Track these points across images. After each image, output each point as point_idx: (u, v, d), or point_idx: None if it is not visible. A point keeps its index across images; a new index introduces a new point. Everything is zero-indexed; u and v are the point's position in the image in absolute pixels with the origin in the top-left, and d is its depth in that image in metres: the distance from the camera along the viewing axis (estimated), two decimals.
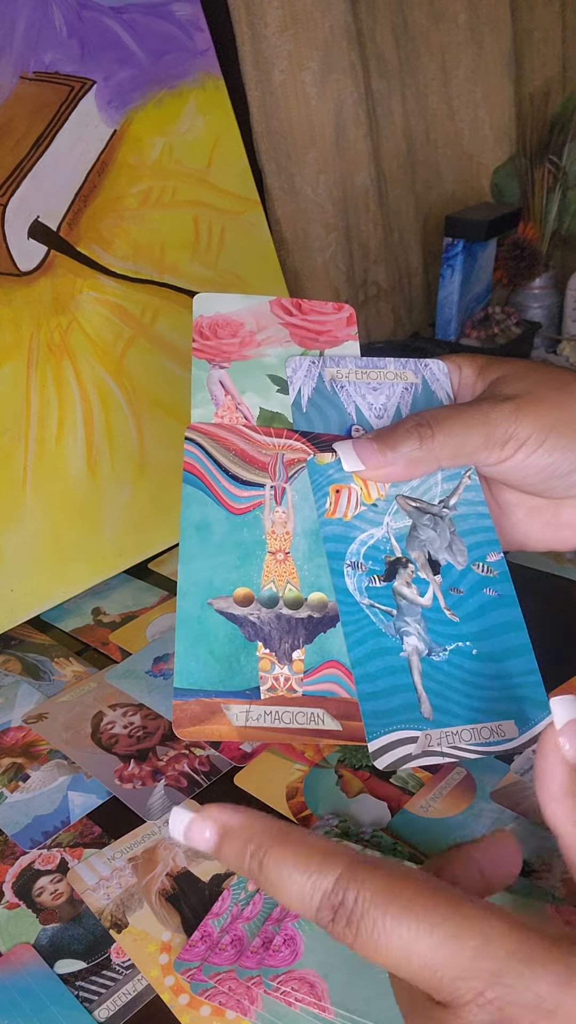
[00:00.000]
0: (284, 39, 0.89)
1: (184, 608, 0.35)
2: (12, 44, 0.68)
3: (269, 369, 0.41)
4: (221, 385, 0.41)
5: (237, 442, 0.39)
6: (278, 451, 0.39)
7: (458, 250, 0.95)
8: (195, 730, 0.33)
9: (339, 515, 0.37)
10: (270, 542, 0.37)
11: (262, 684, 0.34)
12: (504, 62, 1.03)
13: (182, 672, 0.34)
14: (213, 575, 0.36)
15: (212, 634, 0.35)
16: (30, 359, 0.69)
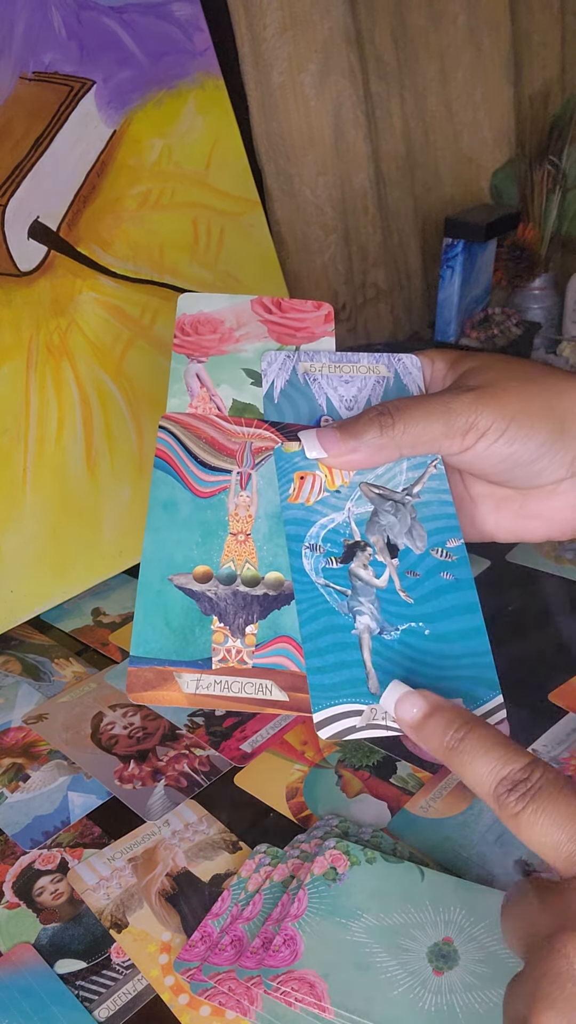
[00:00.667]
0: (283, 40, 0.89)
1: (145, 579, 0.37)
2: (11, 45, 0.68)
3: (245, 363, 0.43)
4: (197, 378, 0.43)
5: (208, 431, 0.41)
6: (247, 439, 0.41)
7: (458, 251, 0.95)
8: (147, 695, 0.35)
9: (301, 500, 0.39)
10: (232, 524, 0.39)
11: (214, 655, 0.36)
12: (503, 64, 1.03)
13: (139, 640, 0.36)
14: (175, 551, 0.38)
15: (169, 607, 0.37)
16: (30, 360, 0.69)
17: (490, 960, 0.39)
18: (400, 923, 0.41)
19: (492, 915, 0.41)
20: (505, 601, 0.66)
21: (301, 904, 0.42)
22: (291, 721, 0.57)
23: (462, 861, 0.46)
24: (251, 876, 0.45)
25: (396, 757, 0.53)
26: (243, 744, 0.55)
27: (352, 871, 0.44)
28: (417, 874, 0.44)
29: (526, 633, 0.63)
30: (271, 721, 0.57)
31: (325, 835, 0.47)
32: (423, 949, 0.40)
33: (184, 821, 0.51)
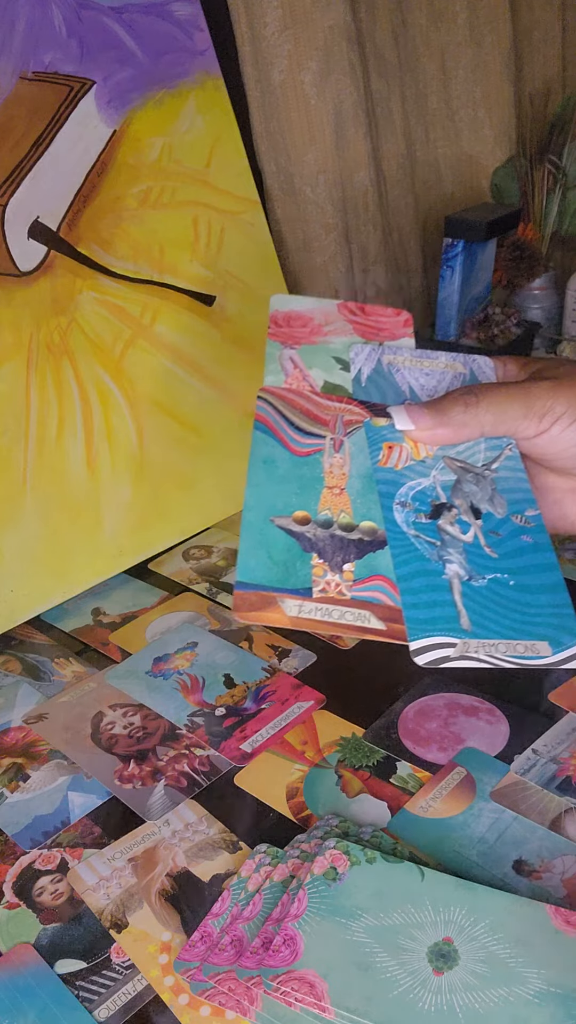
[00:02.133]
0: (283, 39, 0.89)
1: (248, 520, 0.42)
2: (11, 44, 0.68)
3: (334, 352, 0.49)
4: (291, 361, 0.49)
5: (302, 403, 0.47)
6: (338, 412, 0.46)
7: (458, 251, 0.95)
8: (252, 615, 0.39)
9: (390, 465, 0.44)
10: (328, 479, 0.44)
11: (315, 586, 0.40)
12: (504, 62, 1.03)
13: (243, 568, 0.40)
14: (275, 500, 0.42)
15: (272, 543, 0.41)
16: (30, 359, 0.69)
17: (490, 960, 0.40)
18: (400, 923, 0.41)
19: (492, 915, 0.42)
20: None
21: (301, 904, 0.42)
22: (291, 721, 0.57)
23: (462, 861, 0.46)
24: (251, 876, 0.46)
25: (396, 757, 0.53)
26: (243, 744, 0.56)
27: (352, 871, 0.44)
28: (417, 874, 0.44)
29: None
30: (271, 721, 0.57)
31: (325, 835, 0.47)
32: (423, 949, 0.40)
33: (184, 821, 0.51)
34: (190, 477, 0.79)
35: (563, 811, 0.48)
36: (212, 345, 0.81)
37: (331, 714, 0.58)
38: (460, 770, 0.52)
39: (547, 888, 0.44)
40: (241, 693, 0.60)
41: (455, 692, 0.58)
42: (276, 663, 0.63)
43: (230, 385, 0.82)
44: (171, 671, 0.63)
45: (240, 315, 0.83)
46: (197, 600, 0.71)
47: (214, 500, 0.81)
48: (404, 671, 0.61)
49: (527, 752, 0.53)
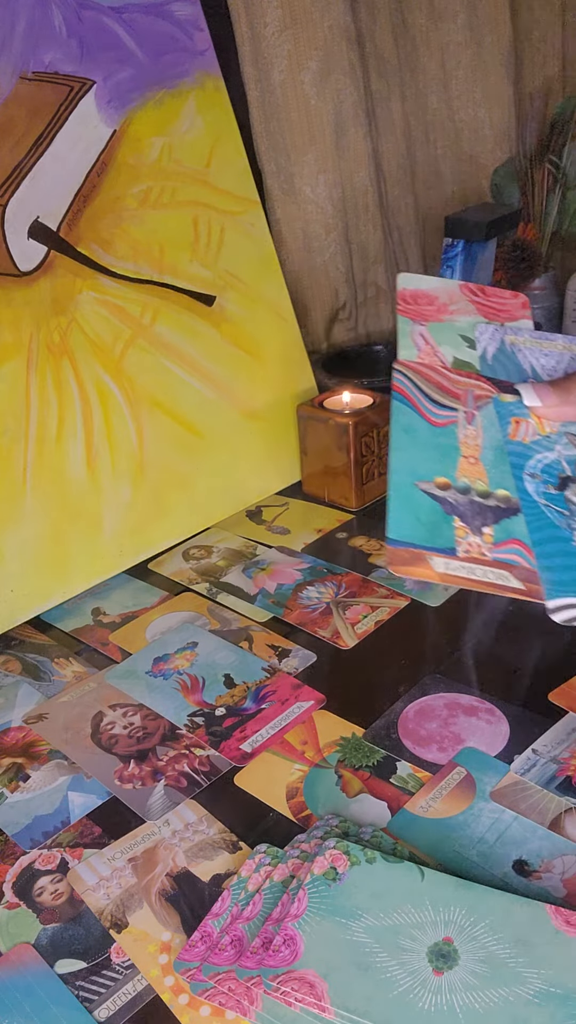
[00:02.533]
0: (283, 39, 0.89)
1: (395, 483, 0.45)
2: (11, 44, 0.68)
3: (460, 331, 0.52)
4: (422, 337, 0.52)
5: (435, 377, 0.50)
6: (469, 387, 0.49)
7: (458, 251, 0.94)
8: (405, 569, 0.43)
9: (519, 439, 0.47)
10: (463, 449, 0.47)
11: (458, 547, 0.43)
12: (504, 62, 1.03)
13: (393, 526, 0.43)
14: (417, 465, 0.46)
15: (418, 505, 0.44)
16: (30, 359, 0.69)
17: (490, 960, 0.40)
18: (400, 923, 0.41)
19: (492, 915, 0.42)
20: (505, 601, 0.66)
21: (301, 904, 0.42)
22: (291, 721, 0.57)
23: (462, 861, 0.46)
24: (251, 876, 0.46)
25: (396, 757, 0.53)
26: (243, 744, 0.56)
27: (352, 871, 0.44)
28: (417, 874, 0.44)
29: (526, 633, 0.63)
30: (271, 721, 0.57)
31: (325, 835, 0.47)
32: (423, 949, 0.40)
33: (184, 821, 0.51)
34: (190, 477, 0.79)
35: (563, 811, 0.48)
36: (212, 345, 0.81)
37: (331, 714, 0.58)
38: (460, 770, 0.52)
39: (547, 888, 0.44)
40: (241, 693, 0.60)
41: (455, 692, 0.58)
42: (276, 663, 0.63)
43: (230, 385, 0.82)
44: (171, 671, 0.63)
45: (240, 315, 0.83)
46: (197, 600, 0.71)
47: (214, 500, 0.81)
48: (404, 671, 0.61)
49: (527, 752, 0.53)
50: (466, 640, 0.63)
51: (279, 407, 0.86)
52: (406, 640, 0.64)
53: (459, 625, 0.65)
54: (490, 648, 0.62)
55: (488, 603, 0.67)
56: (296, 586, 0.71)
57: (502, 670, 0.60)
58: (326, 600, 0.69)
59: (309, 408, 0.82)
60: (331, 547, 0.77)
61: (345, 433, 0.79)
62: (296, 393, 0.87)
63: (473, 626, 0.65)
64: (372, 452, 0.81)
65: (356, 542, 0.77)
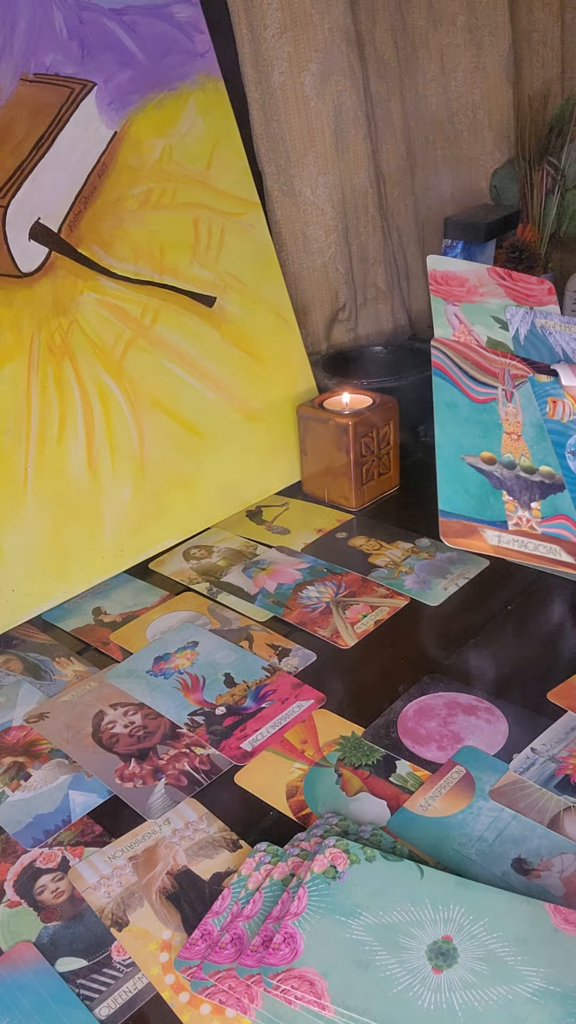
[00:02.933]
0: (283, 41, 0.89)
1: (442, 457, 0.47)
2: (12, 46, 0.68)
3: (491, 312, 0.53)
4: (456, 317, 0.53)
5: (472, 355, 0.51)
6: (505, 366, 0.50)
7: (457, 252, 0.95)
8: (459, 541, 0.46)
9: (557, 418, 0.48)
10: (505, 425, 0.47)
11: (508, 520, 0.45)
12: (503, 64, 1.03)
13: (445, 499, 0.45)
14: (462, 439, 0.47)
15: (466, 478, 0.46)
16: (31, 360, 0.69)
17: (489, 958, 0.40)
18: (399, 921, 0.42)
19: (491, 913, 0.42)
20: (505, 601, 0.67)
21: (301, 902, 0.42)
22: (291, 720, 0.57)
23: (461, 859, 0.46)
24: (251, 874, 0.46)
25: (395, 756, 0.54)
26: (243, 743, 0.56)
27: (352, 869, 0.44)
28: (416, 872, 0.44)
29: (525, 632, 0.63)
30: (271, 720, 0.57)
31: (325, 833, 0.47)
32: (422, 947, 0.40)
33: (184, 820, 0.51)
34: (190, 477, 0.79)
35: (562, 810, 0.48)
36: (212, 346, 0.81)
37: (331, 713, 0.58)
38: (459, 769, 0.52)
39: (546, 886, 0.45)
40: (241, 692, 0.60)
41: (454, 691, 0.58)
42: (276, 662, 0.63)
43: (230, 385, 0.82)
44: (172, 670, 0.63)
45: (240, 316, 0.83)
46: (197, 600, 0.72)
47: (214, 500, 0.82)
48: (403, 670, 0.61)
49: (526, 751, 0.53)
50: (465, 639, 0.63)
51: (279, 407, 0.86)
52: (406, 639, 0.64)
53: (458, 624, 0.65)
54: (490, 647, 0.63)
55: (486, 602, 0.67)
56: (296, 586, 0.71)
57: (501, 669, 0.61)
58: (326, 600, 0.69)
59: (309, 408, 0.82)
60: (331, 547, 0.77)
61: (345, 433, 0.79)
62: (296, 394, 0.87)
63: (473, 625, 0.65)
64: (372, 452, 0.81)
65: (356, 542, 0.77)
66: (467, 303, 0.53)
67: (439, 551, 0.74)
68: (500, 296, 0.54)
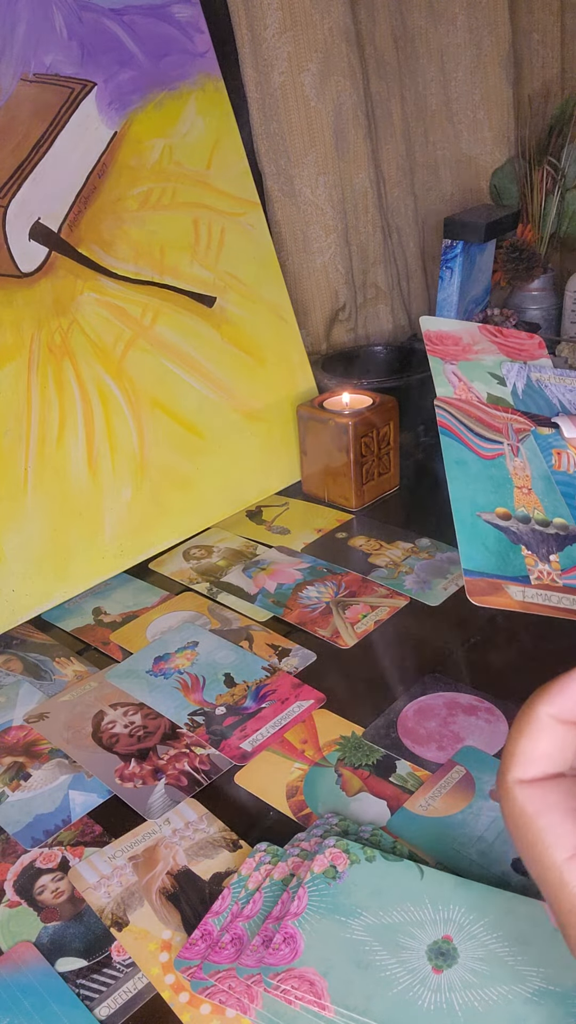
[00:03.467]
0: (283, 41, 0.89)
1: (459, 515, 0.46)
2: (12, 46, 0.68)
3: (488, 368, 0.54)
4: (455, 375, 0.54)
5: (475, 411, 0.51)
6: (507, 421, 0.51)
7: (457, 252, 0.95)
8: (485, 599, 0.43)
9: (563, 469, 0.48)
10: (515, 480, 0.48)
11: (530, 574, 0.44)
12: (503, 64, 1.03)
13: (467, 558, 0.44)
14: (476, 496, 0.46)
15: (485, 535, 0.45)
16: (31, 360, 0.69)
17: (489, 958, 0.40)
18: (399, 921, 0.42)
19: (491, 913, 0.42)
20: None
21: (301, 902, 0.42)
22: (291, 720, 0.57)
23: (461, 859, 0.46)
24: (251, 874, 0.46)
25: (395, 756, 0.54)
26: (243, 743, 0.56)
27: (352, 869, 0.44)
28: (416, 872, 0.44)
29: (526, 632, 0.63)
30: (271, 720, 0.57)
31: (325, 833, 0.47)
32: (422, 947, 0.40)
33: (184, 819, 0.51)
34: (190, 477, 0.79)
35: None
36: (212, 346, 0.81)
37: (331, 713, 0.58)
38: (459, 769, 0.52)
39: None
40: (241, 692, 0.60)
41: (454, 691, 0.58)
42: (276, 662, 0.63)
43: (230, 385, 0.82)
44: (172, 670, 0.63)
45: (240, 316, 0.83)
46: (197, 600, 0.72)
47: (214, 500, 0.82)
48: (403, 670, 0.61)
49: None
50: (466, 639, 0.63)
51: (279, 407, 0.86)
52: (405, 639, 0.64)
53: (458, 624, 0.65)
54: (490, 647, 0.63)
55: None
56: (296, 586, 0.71)
57: (502, 669, 0.61)
58: (326, 600, 0.69)
59: (309, 408, 0.82)
60: (331, 547, 0.77)
61: (345, 433, 0.79)
62: (296, 394, 0.87)
63: (473, 625, 0.65)
64: (372, 452, 0.81)
65: (356, 542, 0.77)
66: (463, 361, 0.55)
67: (439, 551, 0.74)
68: (494, 352, 0.56)
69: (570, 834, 0.30)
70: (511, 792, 0.31)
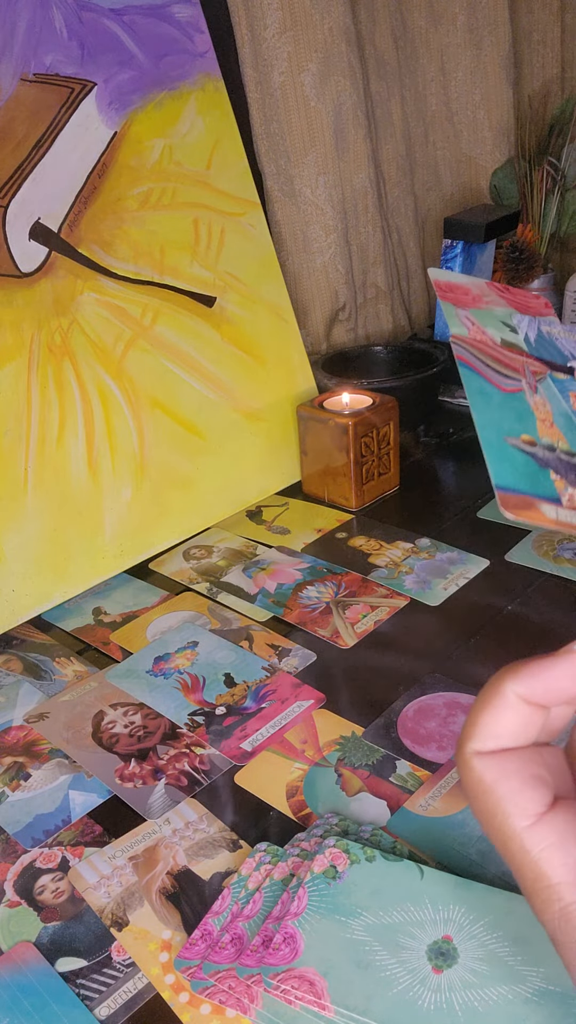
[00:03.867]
0: (283, 41, 0.89)
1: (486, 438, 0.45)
2: (12, 46, 0.68)
3: (499, 317, 0.54)
4: (468, 320, 0.54)
5: (491, 351, 0.51)
6: (523, 363, 0.51)
7: (457, 252, 0.95)
8: (521, 512, 0.42)
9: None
10: (536, 413, 0.47)
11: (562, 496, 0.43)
12: (503, 64, 1.03)
13: (497, 473, 0.43)
14: (501, 422, 0.46)
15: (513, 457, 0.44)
16: (31, 360, 0.69)
17: (489, 958, 0.40)
18: (399, 921, 0.42)
19: (491, 913, 0.42)
20: (504, 601, 0.67)
21: (301, 902, 0.42)
22: (291, 720, 0.57)
23: (461, 859, 0.46)
24: (251, 874, 0.46)
25: (395, 756, 0.54)
26: (243, 743, 0.56)
27: (352, 869, 0.44)
28: (416, 872, 0.44)
29: (525, 633, 0.63)
30: (271, 720, 0.57)
31: (325, 833, 0.47)
32: (422, 947, 0.40)
33: (184, 819, 0.51)
34: (190, 477, 0.79)
35: None
36: (212, 346, 0.81)
37: (331, 713, 0.58)
38: None
39: None
40: (241, 692, 0.60)
41: (454, 691, 0.58)
42: (276, 662, 0.63)
43: (230, 386, 0.82)
44: (172, 670, 0.63)
45: (240, 316, 0.83)
46: (197, 599, 0.72)
47: (214, 500, 0.82)
48: (403, 670, 0.61)
49: None
50: (465, 639, 0.63)
51: (279, 408, 0.86)
52: (405, 639, 0.64)
53: (458, 624, 0.65)
54: (490, 647, 0.63)
55: (486, 602, 0.67)
56: (296, 586, 0.71)
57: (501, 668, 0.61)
58: (326, 600, 0.69)
59: (309, 409, 0.82)
60: (331, 547, 0.77)
61: (345, 433, 0.79)
62: (296, 394, 0.87)
63: (473, 625, 0.65)
64: (372, 452, 0.81)
65: (356, 542, 0.77)
66: (475, 309, 0.54)
67: (439, 551, 0.74)
68: (502, 306, 0.55)
69: (530, 801, 0.29)
70: (469, 762, 0.30)
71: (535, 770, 0.30)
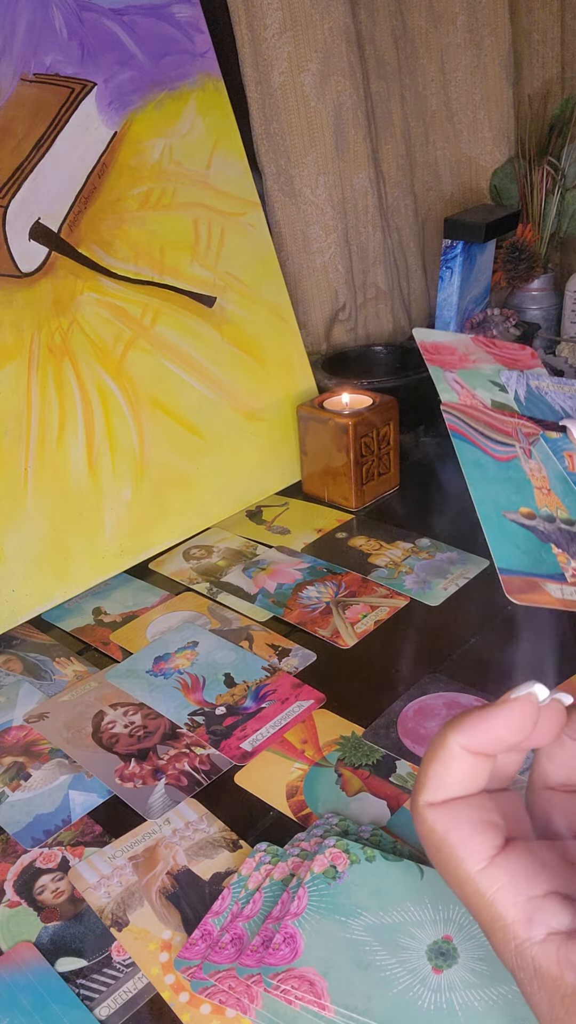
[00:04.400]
0: (283, 41, 0.89)
1: (485, 515, 0.45)
2: (12, 46, 0.68)
3: (487, 376, 0.54)
4: (456, 383, 0.53)
5: (483, 416, 0.51)
6: (515, 425, 0.51)
7: (457, 252, 0.95)
8: (524, 597, 0.43)
9: None
10: (533, 481, 0.47)
11: (565, 572, 0.44)
12: (503, 64, 1.03)
13: (500, 556, 0.44)
14: (498, 496, 0.46)
15: (514, 534, 0.44)
16: (31, 360, 0.69)
17: (489, 958, 0.40)
18: (399, 921, 0.42)
19: None
20: (504, 601, 0.67)
21: (301, 902, 0.42)
22: (291, 720, 0.57)
23: None
24: (251, 874, 0.46)
25: (395, 756, 0.54)
26: (243, 743, 0.56)
27: (352, 869, 0.44)
28: (416, 872, 0.44)
29: (525, 632, 0.63)
30: (271, 720, 0.57)
31: (325, 833, 0.47)
32: (422, 947, 0.40)
33: (184, 819, 0.51)
34: (190, 477, 0.79)
35: None
36: (212, 346, 0.81)
37: (331, 713, 0.58)
38: None
39: None
40: (241, 692, 0.60)
41: (454, 691, 0.58)
42: (276, 662, 0.63)
43: (230, 385, 0.82)
44: (172, 670, 0.63)
45: (240, 316, 0.83)
46: (197, 600, 0.72)
47: (214, 500, 0.82)
48: (403, 670, 0.61)
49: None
50: (466, 639, 0.63)
51: (279, 408, 0.86)
52: (405, 639, 0.64)
53: (458, 624, 0.65)
54: (490, 647, 0.63)
55: (487, 602, 0.67)
56: (296, 586, 0.71)
57: (502, 669, 0.61)
58: (326, 600, 0.69)
59: (309, 408, 0.82)
60: (331, 547, 0.77)
61: (345, 433, 0.79)
62: (296, 394, 0.87)
63: (473, 625, 0.65)
64: (372, 452, 0.81)
65: (356, 542, 0.77)
66: (463, 370, 0.54)
67: (439, 551, 0.74)
68: (490, 362, 0.55)
69: (480, 845, 0.31)
70: (422, 814, 0.31)
71: (485, 815, 0.31)
